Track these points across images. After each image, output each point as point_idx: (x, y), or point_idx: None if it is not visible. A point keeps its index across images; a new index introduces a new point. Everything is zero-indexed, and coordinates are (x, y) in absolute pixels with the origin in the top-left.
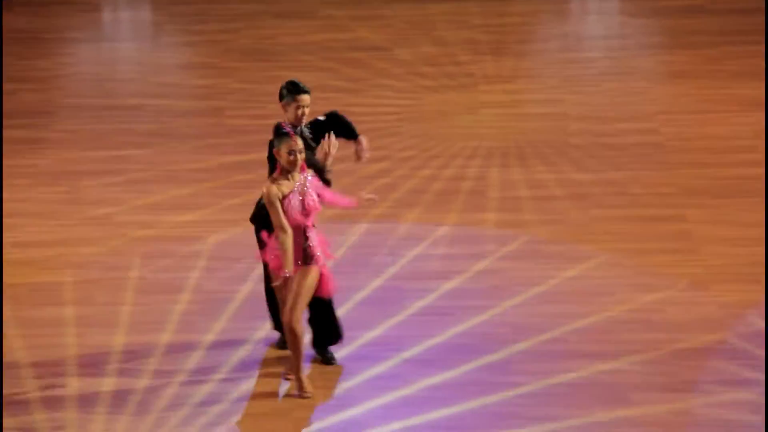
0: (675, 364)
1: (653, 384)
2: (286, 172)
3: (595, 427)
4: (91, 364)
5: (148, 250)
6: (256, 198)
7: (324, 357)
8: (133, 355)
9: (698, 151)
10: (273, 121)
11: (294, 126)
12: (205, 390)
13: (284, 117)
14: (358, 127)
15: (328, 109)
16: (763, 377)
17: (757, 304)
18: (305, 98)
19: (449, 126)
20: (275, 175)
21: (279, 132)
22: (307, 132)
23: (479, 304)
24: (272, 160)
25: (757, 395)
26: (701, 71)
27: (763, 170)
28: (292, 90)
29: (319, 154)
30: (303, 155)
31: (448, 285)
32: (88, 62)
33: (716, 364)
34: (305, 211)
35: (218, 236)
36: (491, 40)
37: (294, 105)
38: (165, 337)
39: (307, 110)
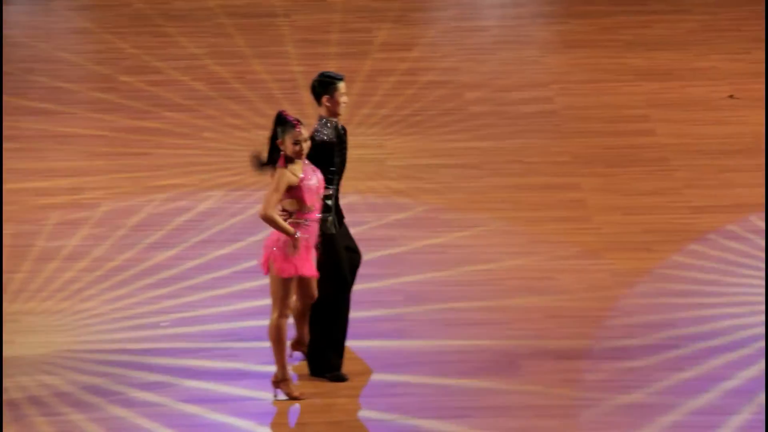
0: (565, 331)
1: (542, 351)
2: (291, 161)
3: (484, 393)
4: None
5: (41, 217)
6: (152, 162)
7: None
8: (19, 325)
9: (592, 120)
10: (167, 87)
11: (334, 117)
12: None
13: (321, 111)
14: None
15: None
16: (652, 342)
17: (647, 272)
18: (344, 85)
19: (347, 93)
20: (281, 163)
21: (283, 121)
22: (341, 126)
23: (373, 273)
24: (274, 149)
25: (644, 363)
26: (595, 41)
27: (655, 139)
28: (330, 82)
29: None
30: (308, 144)
31: None
32: None
33: (606, 332)
34: (318, 191)
35: (112, 203)
36: (388, 7)
37: (337, 95)
38: (56, 305)
39: (347, 98)
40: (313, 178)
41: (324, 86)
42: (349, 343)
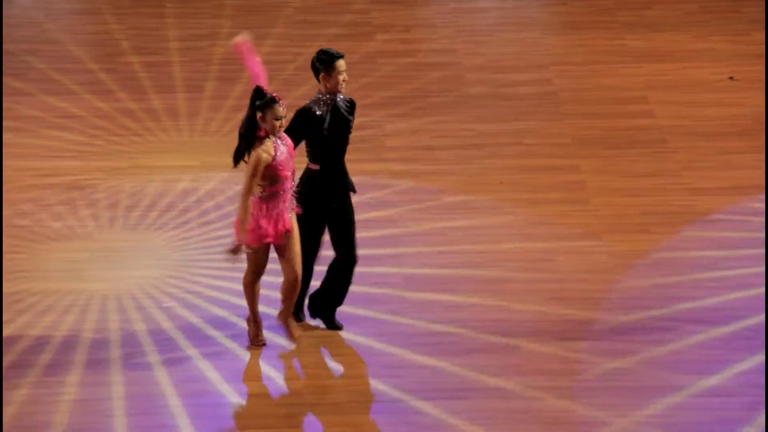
0: (564, 312)
1: (542, 332)
2: (261, 140)
3: (483, 374)
4: None
5: (40, 197)
6: (152, 143)
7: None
8: (21, 304)
9: (591, 102)
10: (166, 68)
11: (332, 94)
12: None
13: (321, 87)
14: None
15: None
16: (650, 323)
17: (644, 253)
18: (343, 63)
19: (346, 71)
20: (258, 142)
21: (263, 97)
22: (341, 102)
23: (372, 254)
24: (252, 124)
25: (643, 345)
26: (594, 22)
27: (654, 120)
28: (328, 59)
29: None
30: (287, 120)
31: None
32: None
33: (605, 313)
34: (288, 159)
35: (111, 184)
36: None
37: (335, 73)
38: (52, 286)
39: (346, 75)
40: (282, 148)
41: (322, 63)
42: (347, 321)
